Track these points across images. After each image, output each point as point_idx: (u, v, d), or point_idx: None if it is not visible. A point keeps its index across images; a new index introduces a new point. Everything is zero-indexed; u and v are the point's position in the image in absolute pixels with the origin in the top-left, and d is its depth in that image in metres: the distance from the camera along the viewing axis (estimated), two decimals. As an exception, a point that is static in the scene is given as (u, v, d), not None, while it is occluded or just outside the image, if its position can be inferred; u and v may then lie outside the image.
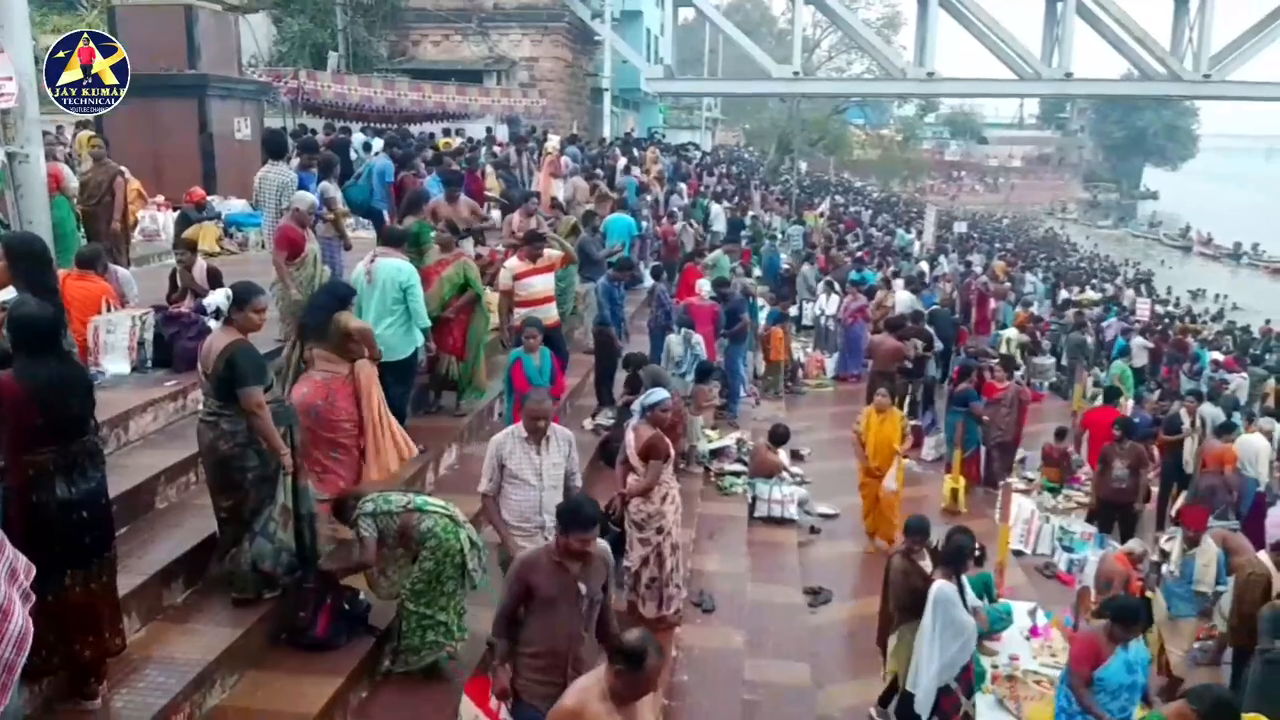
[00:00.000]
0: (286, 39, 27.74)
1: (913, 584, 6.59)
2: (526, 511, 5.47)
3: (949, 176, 78.86)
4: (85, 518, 4.18)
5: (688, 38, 51.70)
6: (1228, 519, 10.04)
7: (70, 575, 4.14)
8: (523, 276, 8.67)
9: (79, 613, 4.18)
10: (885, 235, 32.39)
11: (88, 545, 4.22)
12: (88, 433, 4.25)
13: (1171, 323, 26.40)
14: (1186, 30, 33.49)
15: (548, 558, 4.43)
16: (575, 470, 5.68)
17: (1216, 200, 79.79)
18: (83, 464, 4.18)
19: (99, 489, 4.29)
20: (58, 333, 4.26)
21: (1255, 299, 38.80)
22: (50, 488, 4.06)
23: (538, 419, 5.45)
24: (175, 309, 7.94)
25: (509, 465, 5.46)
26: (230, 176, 14.21)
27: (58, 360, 4.17)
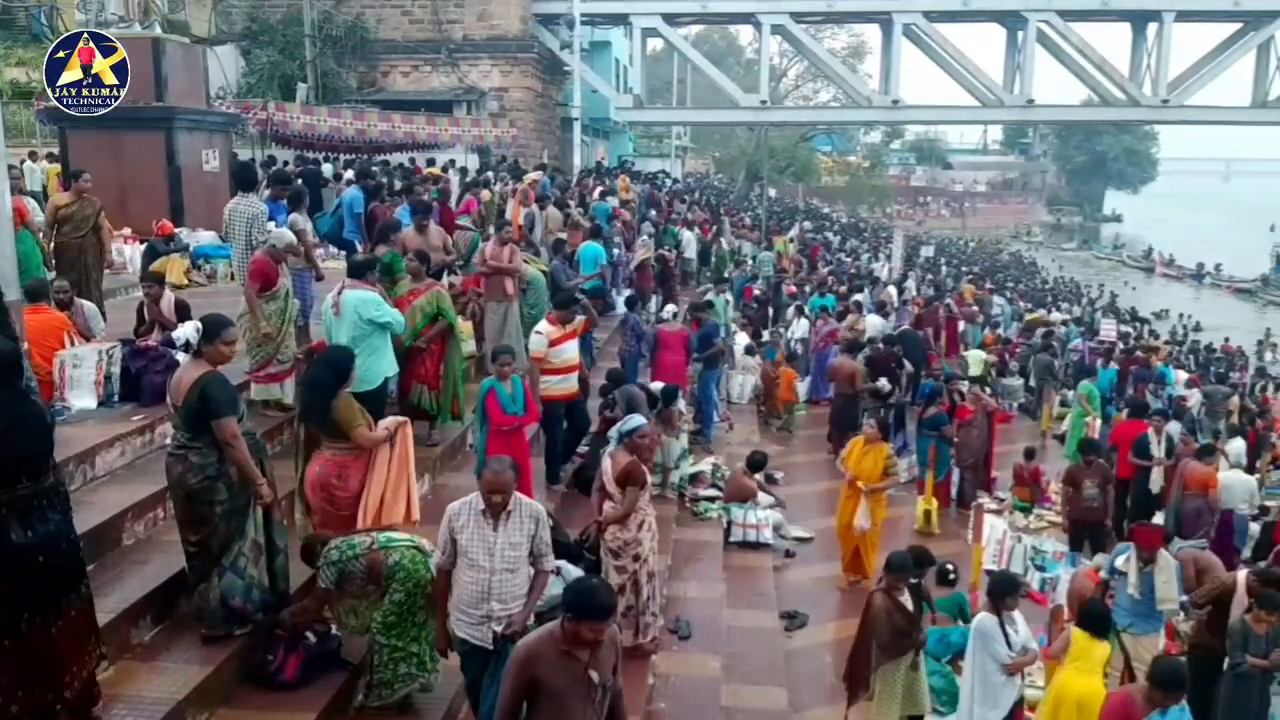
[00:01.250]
0: (255, 70, 27.72)
1: (896, 623, 6.53)
2: (472, 596, 4.78)
3: (915, 201, 79.74)
4: (42, 562, 3.98)
5: (656, 68, 52.10)
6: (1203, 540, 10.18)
7: (26, 620, 3.96)
8: (558, 343, 8.45)
9: (41, 655, 4.03)
10: (854, 260, 32.66)
11: (47, 588, 4.03)
12: (44, 474, 4.03)
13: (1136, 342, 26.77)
14: (1145, 57, 34.27)
15: (553, 646, 3.90)
16: (546, 552, 4.94)
17: (1177, 222, 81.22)
18: (40, 506, 3.99)
19: (59, 531, 4.09)
20: (13, 370, 4.03)
21: (1217, 318, 39.42)
22: (3, 531, 3.86)
23: (494, 492, 4.72)
24: (143, 342, 7.85)
25: (460, 539, 4.78)
26: (198, 208, 14.11)
27: (11, 398, 3.97)
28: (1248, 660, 7.04)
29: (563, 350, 8.49)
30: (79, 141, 13.76)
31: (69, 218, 9.45)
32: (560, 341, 8.47)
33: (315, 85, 27.03)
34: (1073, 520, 10.68)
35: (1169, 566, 7.67)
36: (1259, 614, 7.18)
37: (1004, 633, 6.27)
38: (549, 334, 8.44)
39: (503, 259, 10.53)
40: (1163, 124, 57.39)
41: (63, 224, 9.46)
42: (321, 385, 5.79)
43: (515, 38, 30.81)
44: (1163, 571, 7.59)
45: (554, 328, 8.48)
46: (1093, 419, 14.35)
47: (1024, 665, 6.46)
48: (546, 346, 8.38)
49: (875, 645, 6.66)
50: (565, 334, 8.52)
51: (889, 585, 6.66)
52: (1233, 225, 73.58)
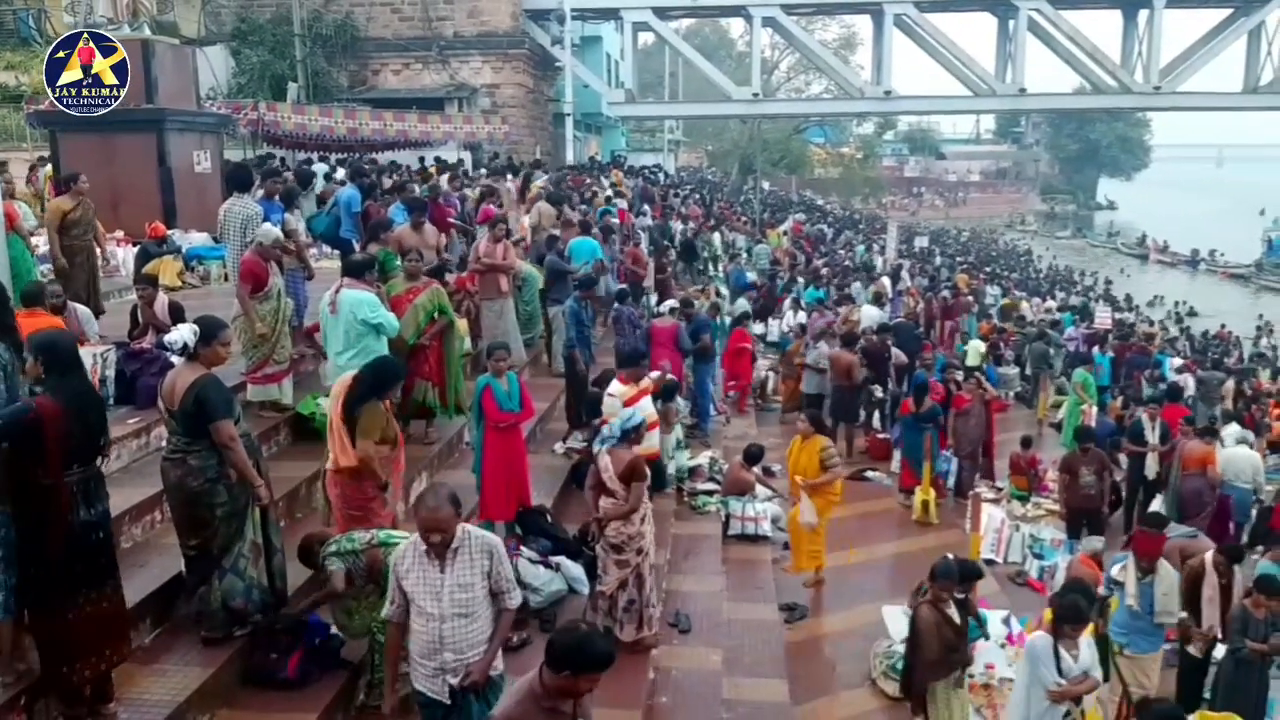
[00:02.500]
0: (245, 71, 27.63)
1: (944, 637, 6.29)
2: (424, 647, 4.28)
3: (909, 192, 79.82)
4: (101, 538, 4.37)
5: (648, 62, 52.07)
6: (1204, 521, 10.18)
7: (84, 595, 4.29)
8: (632, 402, 7.93)
9: (94, 629, 4.33)
10: (848, 252, 32.69)
11: (103, 565, 4.39)
12: (104, 450, 4.46)
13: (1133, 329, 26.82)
14: (1136, 44, 34.23)
15: (535, 707, 3.59)
16: (508, 588, 4.37)
17: (1171, 208, 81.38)
18: (97, 486, 4.38)
19: (108, 510, 4.48)
20: (77, 357, 4.44)
21: (1212, 304, 39.51)
22: (75, 509, 4.21)
23: (431, 531, 4.17)
24: (137, 345, 7.84)
25: (405, 586, 4.27)
26: (190, 210, 14.07)
27: (82, 379, 4.42)
28: (1247, 645, 7.07)
29: (640, 408, 7.82)
30: (70, 145, 13.72)
31: (76, 221, 9.36)
32: (634, 401, 7.94)
33: (306, 84, 26.97)
34: (1070, 508, 10.71)
35: (1170, 577, 7.30)
36: (1258, 599, 7.22)
37: (1057, 656, 5.91)
38: (622, 395, 7.99)
39: (497, 256, 10.53)
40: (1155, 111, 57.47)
41: (71, 228, 9.35)
42: (362, 384, 5.80)
43: (506, 34, 30.74)
44: (1163, 582, 7.21)
45: (625, 387, 8.02)
46: (1088, 407, 14.39)
47: (1072, 694, 5.99)
48: (620, 408, 7.78)
49: (922, 661, 6.43)
50: (639, 392, 8.09)
51: (935, 596, 6.39)
52: (1227, 211, 73.70)
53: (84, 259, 9.48)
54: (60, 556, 4.17)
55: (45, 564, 4.18)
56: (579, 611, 6.82)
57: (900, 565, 10.04)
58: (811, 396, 13.85)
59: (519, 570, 6.79)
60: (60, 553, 4.17)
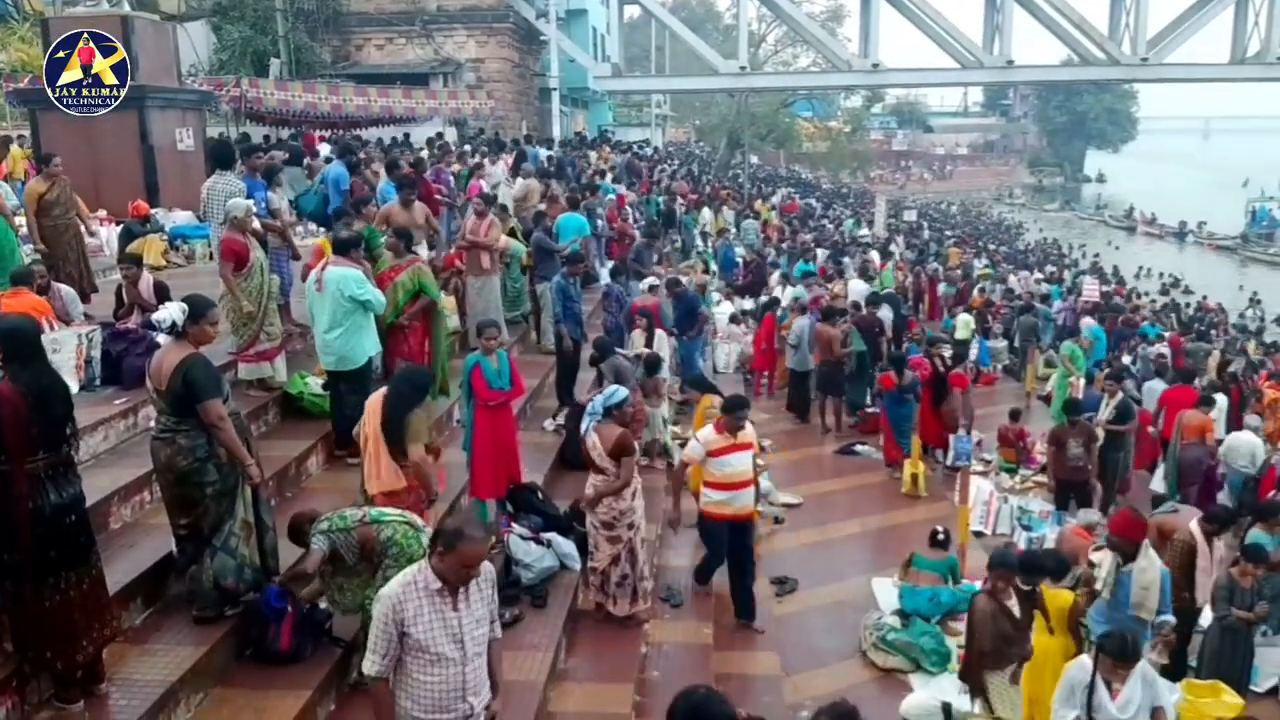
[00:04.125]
0: (227, 47, 27.32)
1: (1001, 628, 5.97)
2: (442, 699, 3.82)
3: (897, 166, 79.73)
4: (75, 520, 4.37)
5: (634, 35, 51.66)
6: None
7: (65, 578, 4.30)
8: (719, 454, 7.17)
9: (76, 612, 4.34)
10: (837, 227, 32.67)
11: (81, 545, 4.39)
12: (71, 438, 4.43)
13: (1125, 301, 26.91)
14: (1123, 15, 34.10)
15: None
16: (495, 617, 4.09)
17: (1158, 180, 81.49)
18: (66, 470, 4.36)
19: (81, 493, 4.48)
20: (39, 343, 4.43)
21: (1200, 276, 39.66)
22: (45, 493, 4.21)
23: (472, 566, 3.80)
24: (122, 325, 7.79)
25: (413, 633, 3.75)
26: (173, 188, 13.95)
27: (45, 368, 4.38)
28: (1234, 613, 7.14)
29: (728, 462, 7.15)
30: (50, 124, 13.53)
31: (53, 203, 9.25)
32: (724, 453, 7.14)
33: (288, 60, 26.70)
34: (1058, 480, 10.76)
35: (1154, 567, 6.70)
36: (1244, 567, 7.28)
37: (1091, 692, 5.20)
38: (708, 442, 7.18)
39: (481, 233, 10.48)
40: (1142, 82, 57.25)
41: (50, 209, 9.23)
42: (401, 399, 5.70)
43: (490, 7, 30.47)
44: (1145, 573, 6.63)
45: (718, 436, 7.16)
46: (1076, 379, 14.42)
47: None
48: (704, 455, 7.19)
49: (977, 650, 6.12)
50: (732, 445, 7.16)
51: (993, 586, 6.06)
52: (1213, 182, 73.88)
53: (70, 238, 9.37)
54: (29, 543, 4.15)
55: (15, 549, 4.16)
56: (570, 588, 6.84)
57: (889, 537, 10.09)
58: (796, 373, 13.86)
59: (510, 546, 6.81)
60: (29, 539, 4.15)
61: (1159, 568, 6.75)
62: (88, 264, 9.56)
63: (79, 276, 9.18)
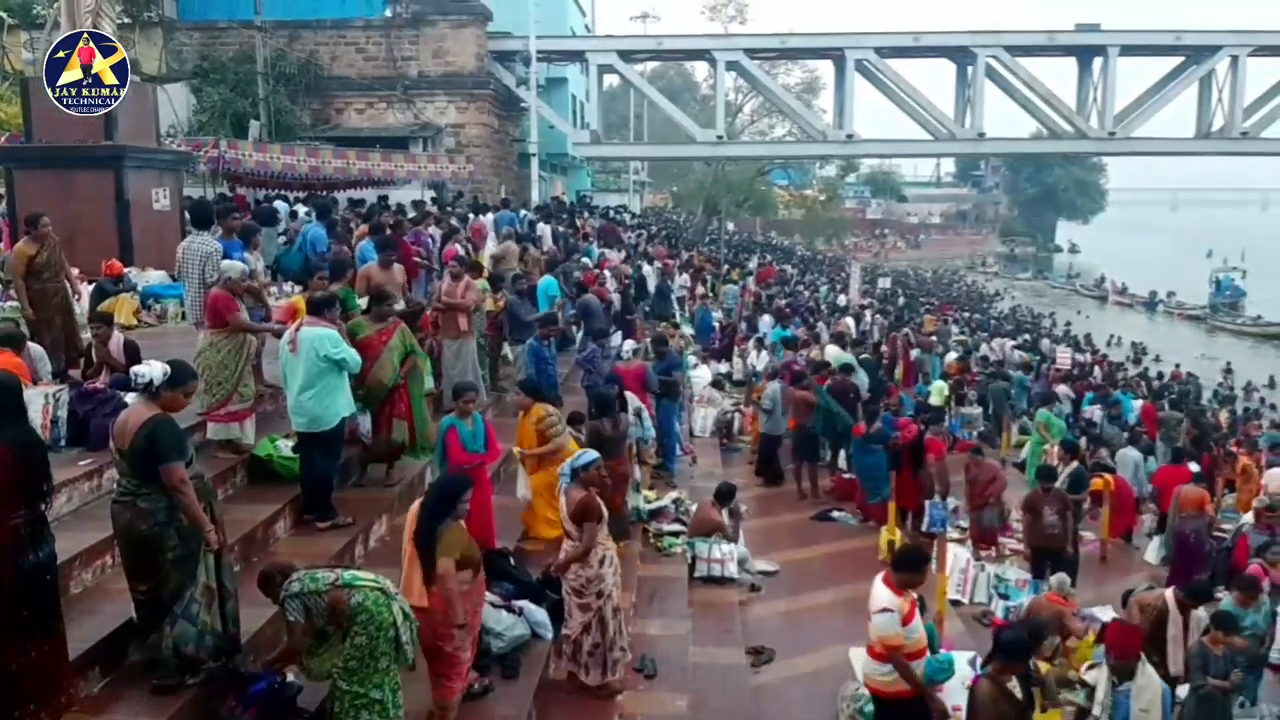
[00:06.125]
0: (206, 108, 27.52)
1: (1002, 712, 5.83)
2: None
3: (872, 233, 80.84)
4: (49, 581, 4.35)
5: (613, 103, 52.55)
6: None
7: (31, 643, 4.25)
8: (908, 620, 6.25)
9: (35, 680, 4.29)
10: (812, 293, 32.98)
11: (51, 610, 4.37)
12: (49, 496, 4.47)
13: (1091, 370, 27.17)
14: (1091, 90, 35.10)
15: None
16: None
17: (1128, 250, 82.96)
18: (42, 527, 4.36)
19: (54, 554, 4.46)
20: (20, 401, 4.52)
21: (1169, 344, 40.19)
22: (24, 552, 4.19)
23: None
24: (90, 385, 7.67)
25: None
26: (148, 247, 13.88)
27: (27, 425, 4.46)
28: (1210, 683, 7.09)
29: (915, 627, 6.27)
30: (26, 181, 13.51)
31: (43, 266, 8.78)
32: (910, 617, 6.24)
33: (268, 123, 26.88)
34: (1033, 547, 10.73)
35: (1153, 685, 6.34)
36: (1216, 635, 7.26)
37: None
38: (901, 608, 6.14)
39: (456, 295, 10.47)
40: (1110, 155, 58.73)
41: (40, 273, 8.77)
42: (433, 508, 5.49)
43: (471, 74, 30.91)
44: (1144, 693, 6.26)
45: (901, 598, 6.20)
46: (1051, 446, 14.48)
47: None
48: (900, 627, 6.15)
49: None
50: (912, 603, 6.37)
51: (997, 671, 5.83)
52: (1181, 252, 75.30)
53: (59, 300, 8.94)
54: (2, 601, 4.10)
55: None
56: (541, 657, 6.70)
57: (867, 606, 9.96)
58: (767, 437, 13.83)
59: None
60: (2, 598, 4.10)
61: (1158, 685, 6.42)
62: (75, 328, 9.21)
63: (65, 342, 8.89)
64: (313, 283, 9.18)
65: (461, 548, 5.44)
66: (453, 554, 5.34)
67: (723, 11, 47.32)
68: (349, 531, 7.17)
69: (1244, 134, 34.24)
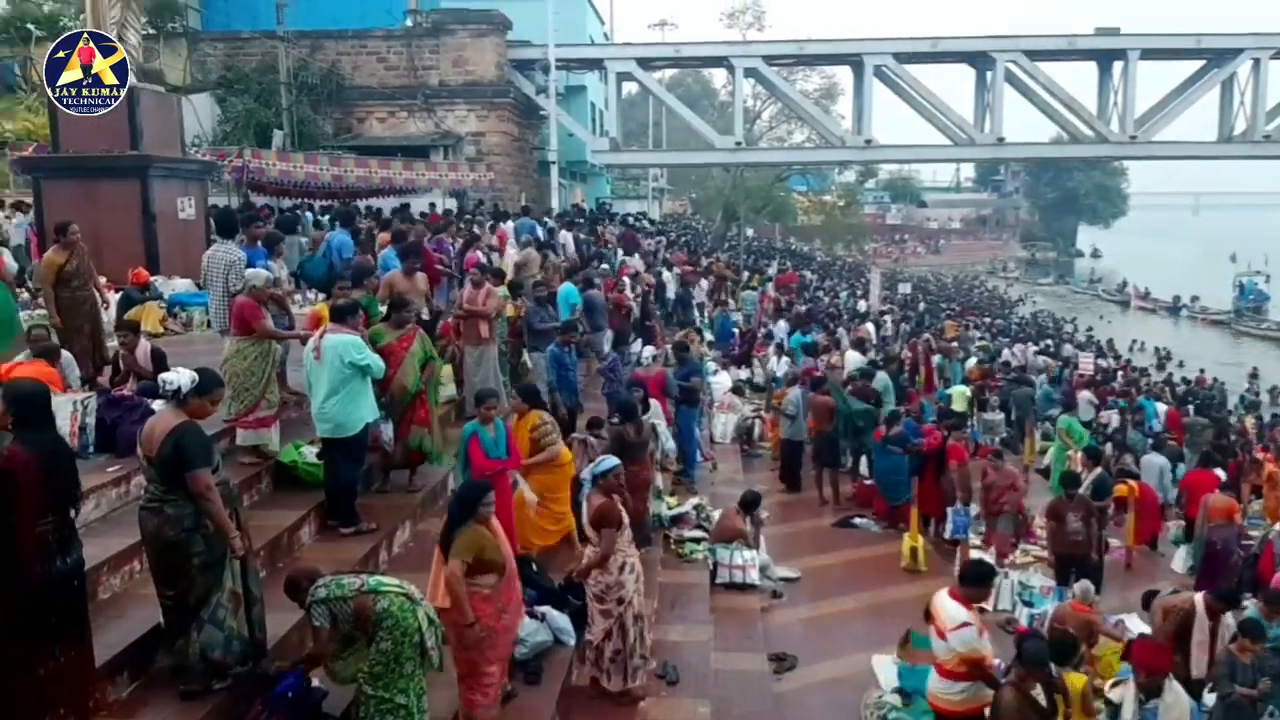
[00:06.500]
0: (230, 118, 27.75)
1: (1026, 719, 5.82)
2: None
3: (892, 239, 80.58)
4: (77, 587, 4.37)
5: (632, 111, 52.65)
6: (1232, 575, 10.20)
7: (60, 647, 4.27)
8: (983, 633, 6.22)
9: (61, 686, 4.29)
10: (832, 299, 32.90)
11: (78, 614, 4.38)
12: (77, 503, 4.48)
13: (1114, 375, 26.98)
14: (1112, 94, 34.86)
15: None
16: None
17: (1149, 255, 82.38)
18: (70, 534, 4.38)
19: (82, 560, 4.48)
20: (49, 410, 4.57)
21: (1193, 350, 39.85)
22: (51, 558, 4.21)
23: None
24: (118, 392, 7.75)
25: None
26: (173, 256, 14.03)
27: (55, 433, 4.54)
28: (1237, 691, 7.02)
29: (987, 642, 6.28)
30: (54, 191, 13.70)
31: (72, 274, 8.80)
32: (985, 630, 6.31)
33: (291, 132, 27.09)
34: (1057, 554, 10.67)
35: (1182, 703, 6.22)
36: (1243, 643, 7.20)
37: None
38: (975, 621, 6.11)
39: (478, 302, 10.52)
40: (1131, 160, 58.38)
41: (69, 281, 8.79)
42: (453, 513, 5.59)
43: (491, 83, 31.04)
44: (1171, 710, 6.13)
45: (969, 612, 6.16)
46: (1074, 452, 14.38)
47: None
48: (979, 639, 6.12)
49: None
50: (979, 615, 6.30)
51: (1020, 678, 5.83)
52: (1203, 257, 74.76)
53: (87, 309, 8.95)
54: (29, 606, 4.13)
55: (13, 613, 4.12)
56: (564, 663, 6.71)
57: (889, 613, 9.93)
58: (790, 443, 13.81)
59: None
60: (29, 602, 4.13)
61: (1186, 703, 6.27)
62: (102, 336, 9.25)
63: (92, 349, 8.94)
64: (335, 290, 9.24)
65: (478, 550, 5.43)
66: (463, 555, 5.36)
67: (741, 19, 47.29)
68: (373, 537, 7.21)
69: (1266, 137, 33.91)
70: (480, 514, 5.53)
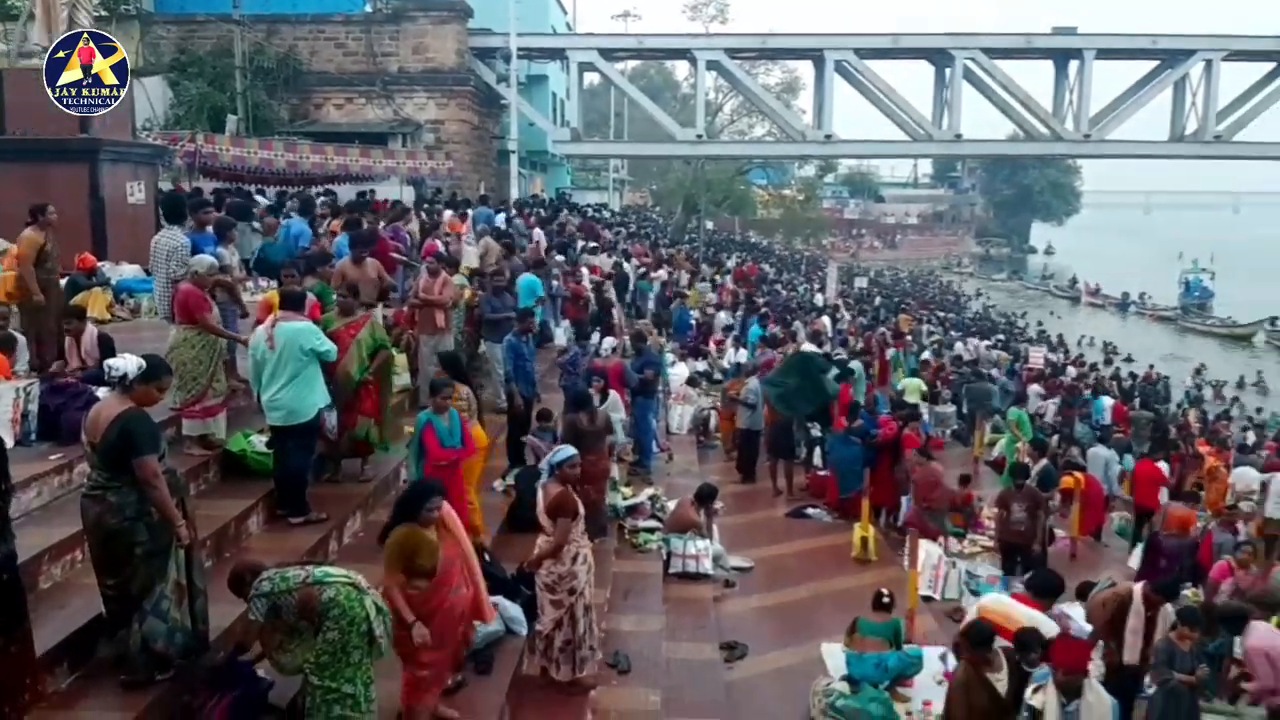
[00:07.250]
0: (184, 102, 27.26)
1: (973, 701, 5.81)
2: None
3: (849, 234, 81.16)
4: (9, 579, 4.28)
5: (593, 101, 52.46)
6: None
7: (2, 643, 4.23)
8: None
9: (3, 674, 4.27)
10: (790, 292, 33.10)
11: (15, 605, 4.30)
12: (6, 494, 4.34)
13: (1064, 369, 27.44)
14: (1067, 93, 35.40)
15: None
16: None
17: (1101, 252, 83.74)
18: (2, 527, 4.27)
19: (13, 552, 4.38)
20: None
21: (1141, 345, 40.63)
22: None
23: None
24: (62, 379, 7.62)
25: None
26: (122, 242, 13.77)
27: None
28: (1176, 678, 7.19)
29: None
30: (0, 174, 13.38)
31: (49, 255, 8.61)
32: None
33: (246, 117, 26.68)
34: (1001, 542, 10.86)
35: (1103, 704, 6.14)
36: (1182, 631, 7.37)
37: None
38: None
39: (434, 292, 10.47)
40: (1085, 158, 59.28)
41: (45, 262, 8.59)
42: (394, 513, 5.54)
43: (451, 70, 30.80)
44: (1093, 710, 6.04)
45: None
46: (1024, 444, 14.63)
47: None
48: None
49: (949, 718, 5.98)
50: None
51: (970, 661, 5.92)
52: (1153, 255, 76.15)
53: (57, 291, 8.87)
54: None
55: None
56: (516, 653, 6.72)
57: (840, 602, 10.03)
58: (748, 433, 13.90)
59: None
60: None
61: (1108, 702, 6.24)
62: None
63: (57, 331, 8.80)
64: (283, 276, 9.16)
65: (408, 557, 5.35)
66: (393, 569, 5.32)
67: (704, 11, 47.46)
68: (323, 527, 7.17)
69: (1217, 137, 34.61)
70: (422, 518, 5.44)
